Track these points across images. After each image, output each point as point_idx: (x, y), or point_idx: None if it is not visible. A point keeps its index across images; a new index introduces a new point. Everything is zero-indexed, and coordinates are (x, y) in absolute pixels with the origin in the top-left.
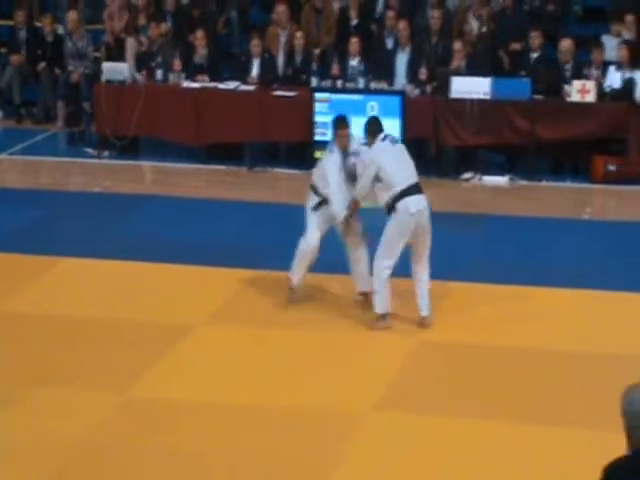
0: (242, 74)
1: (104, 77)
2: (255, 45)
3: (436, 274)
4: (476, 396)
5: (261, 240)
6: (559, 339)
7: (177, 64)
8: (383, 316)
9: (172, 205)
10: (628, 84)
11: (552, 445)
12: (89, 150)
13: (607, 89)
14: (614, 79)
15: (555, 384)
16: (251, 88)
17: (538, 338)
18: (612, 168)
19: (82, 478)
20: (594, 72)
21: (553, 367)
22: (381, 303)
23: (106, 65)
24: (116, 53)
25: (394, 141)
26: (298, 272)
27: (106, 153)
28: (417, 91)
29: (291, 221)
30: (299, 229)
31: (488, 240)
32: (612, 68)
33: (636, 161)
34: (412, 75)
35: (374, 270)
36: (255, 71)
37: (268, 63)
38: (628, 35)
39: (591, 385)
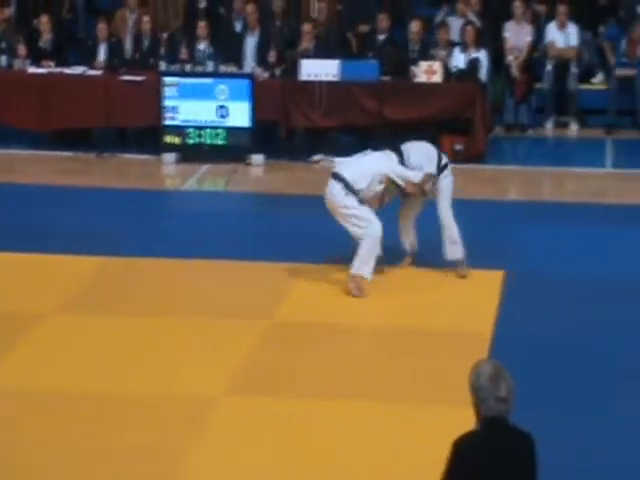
0: (89, 59)
1: None
2: (101, 29)
3: (285, 257)
4: (326, 376)
5: (112, 226)
6: (406, 317)
7: (22, 49)
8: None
9: (19, 193)
10: (473, 64)
11: (402, 421)
12: None
13: (453, 69)
14: (459, 59)
15: (400, 361)
16: (98, 73)
17: (385, 316)
18: (459, 147)
19: None
20: (440, 53)
21: (398, 344)
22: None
23: None
24: None
25: None
26: (371, 262)
27: None
28: (266, 74)
29: (141, 206)
30: (149, 214)
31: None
32: (457, 49)
33: (481, 140)
34: (261, 58)
35: (453, 223)
36: (102, 56)
37: (115, 47)
38: (473, 16)
39: (437, 361)
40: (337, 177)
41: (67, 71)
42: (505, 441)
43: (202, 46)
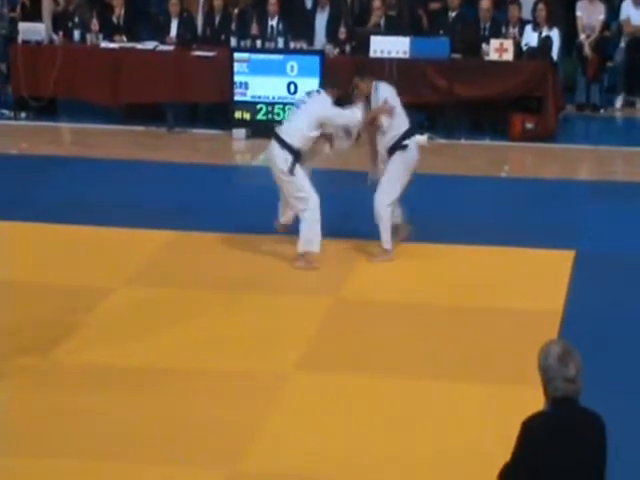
0: (160, 34)
1: (20, 38)
2: (173, 5)
3: (357, 233)
4: (395, 354)
5: (182, 201)
6: (476, 296)
7: (94, 24)
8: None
9: (92, 167)
10: (545, 42)
11: (471, 401)
12: (5, 112)
13: (524, 47)
14: (531, 37)
15: (470, 340)
16: (170, 48)
17: (455, 295)
18: (530, 126)
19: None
20: (511, 30)
21: (469, 323)
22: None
23: (22, 25)
24: (32, 13)
25: None
26: (318, 236)
27: (23, 114)
28: (336, 50)
29: (212, 181)
30: (220, 189)
31: (408, 198)
32: (529, 27)
33: (553, 119)
34: (331, 34)
35: (380, 209)
36: (174, 31)
37: (187, 23)
38: None
39: (507, 340)
40: (277, 138)
41: (139, 46)
42: (573, 422)
43: (273, 22)
